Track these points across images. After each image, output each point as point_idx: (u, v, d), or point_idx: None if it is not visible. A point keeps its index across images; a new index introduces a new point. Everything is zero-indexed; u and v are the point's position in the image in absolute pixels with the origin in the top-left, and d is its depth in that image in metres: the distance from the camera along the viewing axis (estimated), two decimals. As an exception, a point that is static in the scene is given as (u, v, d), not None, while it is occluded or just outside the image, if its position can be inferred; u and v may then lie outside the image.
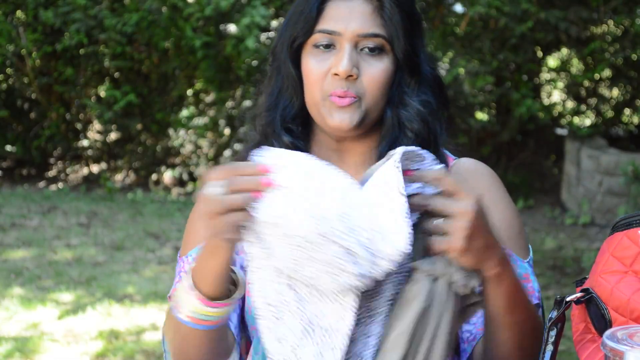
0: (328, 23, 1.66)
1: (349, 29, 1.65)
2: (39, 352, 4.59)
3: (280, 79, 1.74)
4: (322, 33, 1.66)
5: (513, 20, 7.92)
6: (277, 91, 1.74)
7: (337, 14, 1.66)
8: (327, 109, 1.67)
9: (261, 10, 7.87)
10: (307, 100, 1.70)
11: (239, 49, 8.07)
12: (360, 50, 1.66)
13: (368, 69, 1.66)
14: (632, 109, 8.97)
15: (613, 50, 8.36)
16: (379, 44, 1.66)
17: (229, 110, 9.04)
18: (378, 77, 1.66)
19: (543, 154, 9.04)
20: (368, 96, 1.66)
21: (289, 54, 1.71)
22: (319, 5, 1.67)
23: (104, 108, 8.84)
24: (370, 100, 1.67)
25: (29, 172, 9.47)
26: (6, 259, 6.30)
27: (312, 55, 1.68)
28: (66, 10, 8.56)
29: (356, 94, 1.65)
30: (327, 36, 1.66)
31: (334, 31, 1.66)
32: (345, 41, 1.65)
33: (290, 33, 1.70)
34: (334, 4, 1.67)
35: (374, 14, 1.66)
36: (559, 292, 5.60)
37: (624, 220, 1.63)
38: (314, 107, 1.69)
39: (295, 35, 1.69)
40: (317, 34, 1.67)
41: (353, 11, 1.66)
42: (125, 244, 6.74)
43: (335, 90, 1.65)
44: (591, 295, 1.61)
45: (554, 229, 7.44)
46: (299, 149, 1.70)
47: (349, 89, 1.65)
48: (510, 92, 8.33)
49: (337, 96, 1.65)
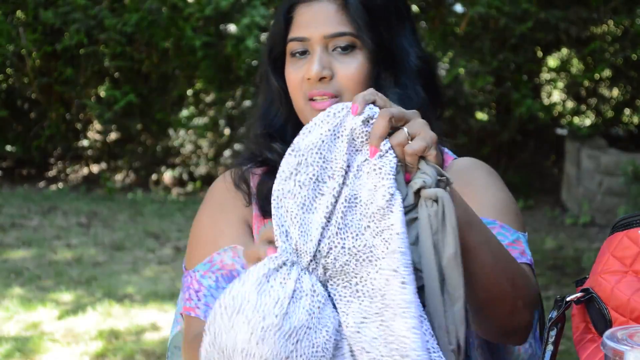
0: (297, 30, 1.70)
1: (316, 32, 1.68)
2: (39, 352, 4.59)
3: (268, 89, 1.78)
4: (295, 41, 1.70)
5: (513, 20, 7.92)
6: (269, 101, 1.78)
7: (303, 20, 1.69)
8: (310, 112, 1.68)
9: (261, 10, 7.88)
10: (294, 107, 1.73)
11: (239, 49, 8.08)
12: (332, 51, 1.68)
13: (341, 67, 1.68)
14: (632, 109, 8.98)
15: (613, 50, 8.36)
16: (349, 42, 1.68)
17: (229, 110, 9.05)
18: (353, 74, 1.68)
19: (543, 154, 9.05)
20: (347, 94, 1.68)
21: (269, 65, 1.75)
22: (285, 15, 1.71)
23: (104, 108, 8.84)
24: (350, 98, 1.64)
25: (29, 172, 9.48)
26: (6, 259, 6.30)
27: (290, 63, 1.72)
28: (66, 10, 8.56)
29: (334, 93, 1.67)
30: (300, 43, 1.69)
31: (304, 37, 1.69)
32: (316, 45, 1.68)
33: (269, 45, 1.75)
34: (299, 11, 1.70)
35: (338, 13, 1.68)
36: (559, 292, 5.60)
37: (624, 220, 1.63)
38: (300, 113, 1.72)
39: (272, 46, 1.74)
40: (291, 43, 1.71)
41: (317, 14, 1.69)
42: (125, 244, 6.74)
43: (312, 91, 1.68)
44: (591, 295, 1.61)
45: (554, 229, 7.44)
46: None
47: (326, 89, 1.67)
48: (510, 92, 8.33)
49: (317, 98, 1.68)
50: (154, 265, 6.21)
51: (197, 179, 9.11)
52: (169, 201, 8.43)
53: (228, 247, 1.73)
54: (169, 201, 8.43)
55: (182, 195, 8.74)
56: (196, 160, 9.26)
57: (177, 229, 7.17)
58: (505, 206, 1.70)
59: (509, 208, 1.71)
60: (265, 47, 1.77)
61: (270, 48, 1.75)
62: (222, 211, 1.78)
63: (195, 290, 1.72)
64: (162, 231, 7.13)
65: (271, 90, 1.76)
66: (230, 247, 1.73)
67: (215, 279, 1.71)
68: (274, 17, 1.76)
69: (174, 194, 8.79)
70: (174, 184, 9.14)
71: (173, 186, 9.09)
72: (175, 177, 9.17)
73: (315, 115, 1.62)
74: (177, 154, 9.34)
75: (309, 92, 1.68)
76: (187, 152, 9.31)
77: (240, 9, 8.15)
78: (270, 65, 1.75)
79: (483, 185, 1.72)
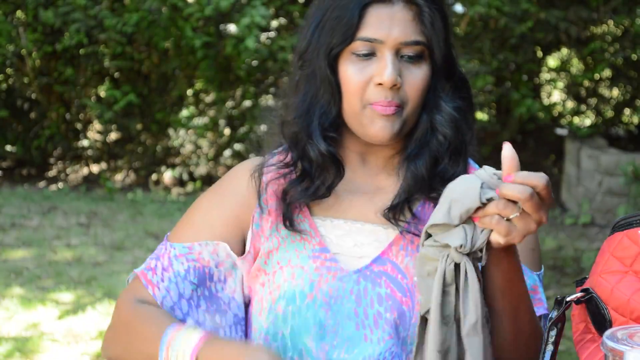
0: (369, 30, 1.62)
1: (391, 36, 1.62)
2: (39, 352, 4.59)
3: (313, 86, 1.68)
4: (363, 41, 1.62)
5: (513, 20, 7.92)
6: (310, 97, 1.68)
7: (378, 21, 1.62)
8: (369, 117, 1.64)
9: (261, 10, 7.88)
10: (345, 108, 1.66)
11: (239, 49, 8.07)
12: (400, 58, 1.63)
13: (410, 77, 1.63)
14: (632, 109, 8.98)
15: (613, 50, 8.36)
16: (420, 51, 1.64)
17: (229, 110, 9.04)
18: (419, 85, 1.64)
19: (543, 154, 9.05)
20: (410, 104, 1.64)
21: (326, 61, 1.65)
22: (359, 12, 1.62)
23: (104, 108, 8.84)
24: (411, 108, 1.65)
25: (29, 172, 9.47)
26: (6, 259, 6.30)
27: (351, 63, 1.64)
28: (66, 10, 8.56)
29: (400, 103, 1.63)
30: (368, 44, 1.62)
31: (376, 39, 1.62)
32: (387, 49, 1.62)
33: (327, 39, 1.65)
34: (374, 11, 1.63)
35: (415, 21, 1.64)
36: (559, 292, 5.60)
37: (624, 220, 1.63)
38: (353, 116, 1.66)
39: (334, 43, 1.64)
40: (358, 42, 1.62)
41: (394, 18, 1.63)
42: (125, 244, 6.74)
43: (379, 100, 1.62)
44: (591, 295, 1.61)
45: (554, 229, 7.44)
46: (334, 157, 1.68)
47: (393, 98, 1.62)
48: (510, 92, 8.33)
49: (381, 105, 1.63)
50: (154, 265, 6.20)
51: (197, 179, 9.11)
52: (169, 201, 8.43)
53: (211, 242, 1.72)
54: (169, 201, 8.43)
55: (182, 195, 8.74)
56: (196, 160, 9.26)
57: (177, 229, 7.16)
58: (526, 241, 1.66)
59: (529, 244, 1.71)
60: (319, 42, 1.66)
61: (331, 44, 1.64)
62: (221, 205, 1.76)
63: (163, 268, 1.72)
64: (162, 231, 7.13)
65: (324, 87, 1.66)
66: (213, 243, 1.72)
67: (186, 268, 1.71)
68: (332, 12, 1.64)
69: (174, 194, 8.79)
70: (174, 184, 9.14)
71: (173, 186, 9.09)
72: (175, 177, 9.16)
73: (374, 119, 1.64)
74: (177, 154, 9.34)
75: (374, 98, 1.62)
76: (187, 152, 9.31)
77: (240, 9, 8.14)
78: (328, 60, 1.65)
79: None
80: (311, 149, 1.68)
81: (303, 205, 1.71)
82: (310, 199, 1.70)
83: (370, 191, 1.73)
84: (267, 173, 1.74)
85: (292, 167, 1.72)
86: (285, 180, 1.72)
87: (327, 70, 1.65)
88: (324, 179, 1.70)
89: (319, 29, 1.66)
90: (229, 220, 1.74)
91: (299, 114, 1.69)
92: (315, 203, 1.72)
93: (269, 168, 1.74)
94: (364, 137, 1.67)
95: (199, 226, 1.75)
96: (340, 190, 1.72)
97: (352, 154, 1.73)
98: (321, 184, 1.69)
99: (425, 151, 1.68)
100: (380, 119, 1.63)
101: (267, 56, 8.27)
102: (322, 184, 1.69)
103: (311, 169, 1.70)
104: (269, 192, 1.73)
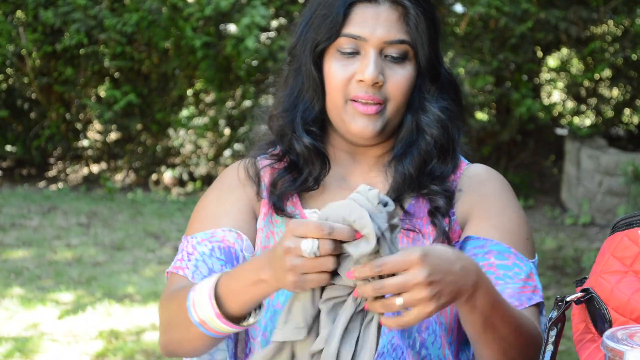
0: (353, 28, 1.65)
1: (375, 35, 1.64)
2: (39, 352, 4.59)
3: (299, 80, 1.72)
4: (347, 37, 1.65)
5: (513, 20, 7.91)
6: (297, 92, 1.72)
7: (362, 20, 1.65)
8: (350, 114, 1.66)
9: (261, 10, 7.87)
10: (327, 104, 1.70)
11: (239, 49, 8.07)
12: (384, 57, 1.66)
13: (392, 76, 1.65)
14: (632, 109, 8.97)
15: (613, 50, 8.35)
16: (404, 51, 1.66)
17: (229, 110, 9.04)
18: (401, 84, 1.66)
19: (543, 154, 9.04)
20: (392, 103, 1.66)
21: (311, 57, 1.69)
22: (345, 10, 1.65)
23: (104, 108, 8.84)
24: (394, 107, 1.67)
25: (29, 172, 9.47)
26: (6, 259, 6.30)
27: (335, 59, 1.67)
28: (66, 10, 8.56)
29: (381, 100, 1.65)
30: (353, 41, 1.65)
31: (360, 36, 1.65)
32: (370, 47, 1.64)
33: (313, 36, 1.68)
34: (360, 10, 1.66)
35: (400, 21, 1.66)
36: (559, 292, 5.60)
37: (624, 220, 1.63)
38: (335, 112, 1.69)
39: (319, 39, 1.67)
40: (342, 38, 1.66)
41: (379, 17, 1.65)
42: (125, 244, 6.74)
43: (359, 94, 1.64)
44: (591, 295, 1.61)
45: (554, 229, 7.44)
46: (318, 150, 1.71)
47: (374, 94, 1.64)
48: (510, 92, 8.33)
49: (361, 101, 1.64)
50: (154, 265, 6.21)
51: (197, 179, 9.11)
52: (169, 201, 8.43)
53: (233, 229, 1.71)
54: (169, 201, 8.43)
55: (182, 195, 8.74)
56: (196, 160, 9.26)
57: (177, 229, 7.17)
58: (518, 230, 1.70)
59: (522, 233, 1.72)
60: (306, 38, 1.70)
61: (316, 41, 1.67)
62: (231, 193, 1.77)
63: (188, 253, 1.72)
64: (162, 231, 7.13)
65: (307, 82, 1.70)
66: (236, 231, 1.71)
67: (211, 247, 1.70)
68: (320, 9, 1.68)
69: (174, 194, 8.78)
70: (174, 184, 9.14)
71: (173, 186, 9.09)
72: (175, 177, 9.16)
73: (355, 117, 1.65)
74: (177, 154, 9.34)
75: (355, 94, 1.65)
76: (187, 152, 9.31)
77: (240, 9, 8.14)
78: (313, 58, 1.69)
79: (499, 205, 1.72)
80: (296, 143, 1.71)
81: (295, 197, 1.74)
82: (298, 190, 1.73)
83: None
84: (262, 167, 1.78)
85: (281, 159, 1.75)
86: (274, 170, 1.76)
87: (312, 66, 1.68)
88: (310, 171, 1.73)
89: (308, 26, 1.70)
90: (242, 207, 1.75)
91: (284, 108, 1.73)
92: (308, 196, 1.75)
93: (263, 162, 1.78)
94: (346, 135, 1.70)
95: (211, 214, 1.75)
96: (333, 185, 1.75)
97: (342, 154, 1.76)
98: (308, 175, 1.72)
99: (412, 151, 1.70)
100: (361, 117, 1.66)
101: (267, 56, 8.27)
102: (309, 176, 1.72)
103: (298, 161, 1.73)
104: (265, 183, 1.77)
